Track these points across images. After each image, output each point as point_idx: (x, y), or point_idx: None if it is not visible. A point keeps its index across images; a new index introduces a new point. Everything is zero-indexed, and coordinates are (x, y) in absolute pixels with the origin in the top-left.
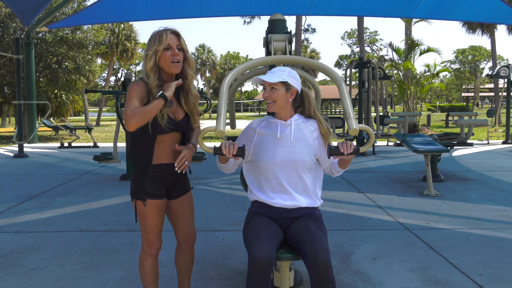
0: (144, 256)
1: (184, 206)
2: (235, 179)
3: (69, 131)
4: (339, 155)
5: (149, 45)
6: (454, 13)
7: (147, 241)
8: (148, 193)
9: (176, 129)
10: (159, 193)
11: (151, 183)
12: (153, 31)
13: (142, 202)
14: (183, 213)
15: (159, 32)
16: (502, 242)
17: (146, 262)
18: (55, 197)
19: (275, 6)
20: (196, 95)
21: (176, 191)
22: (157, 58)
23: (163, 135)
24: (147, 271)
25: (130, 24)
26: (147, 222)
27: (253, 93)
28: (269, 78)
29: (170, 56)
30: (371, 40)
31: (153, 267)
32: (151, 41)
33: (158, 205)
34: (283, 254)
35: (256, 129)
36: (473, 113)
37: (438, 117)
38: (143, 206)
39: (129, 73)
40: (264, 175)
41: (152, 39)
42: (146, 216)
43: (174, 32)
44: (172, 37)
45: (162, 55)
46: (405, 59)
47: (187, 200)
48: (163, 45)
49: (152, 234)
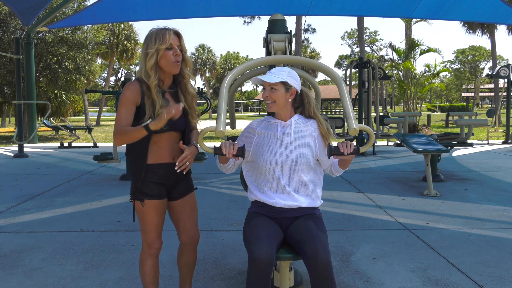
0: (144, 256)
1: (187, 207)
2: (235, 179)
3: (69, 131)
4: (339, 155)
5: (150, 43)
6: (454, 13)
7: (147, 242)
8: (146, 193)
9: (173, 128)
10: (157, 193)
11: (148, 183)
12: (151, 29)
13: (140, 202)
14: (185, 215)
15: (161, 30)
16: (502, 242)
17: (146, 263)
18: (55, 197)
19: (275, 6)
20: (193, 93)
21: (177, 192)
22: (158, 57)
23: (160, 135)
24: (147, 271)
25: (130, 24)
26: (146, 223)
27: (253, 93)
28: (269, 78)
29: (172, 56)
30: (371, 40)
31: (153, 267)
32: (151, 39)
33: (157, 205)
34: (283, 254)
35: (256, 129)
36: (473, 113)
37: (438, 117)
38: (142, 207)
39: (129, 73)
40: (264, 175)
41: (153, 37)
42: (145, 216)
43: (176, 33)
44: (174, 37)
45: (163, 54)
46: (405, 59)
47: (189, 201)
48: (166, 44)
49: (151, 235)
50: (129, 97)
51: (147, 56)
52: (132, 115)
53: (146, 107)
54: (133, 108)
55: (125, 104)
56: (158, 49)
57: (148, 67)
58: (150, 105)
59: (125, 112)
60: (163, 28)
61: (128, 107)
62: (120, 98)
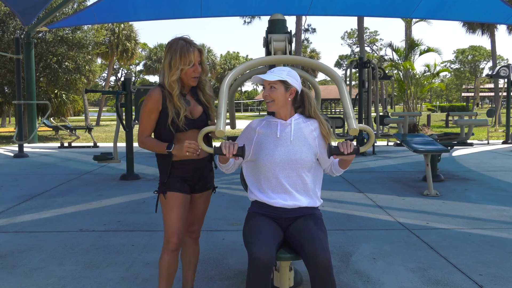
0: (162, 250)
1: (199, 202)
2: (235, 179)
3: (69, 131)
4: (339, 155)
5: (174, 58)
6: (454, 13)
7: (166, 235)
8: (168, 186)
9: (194, 126)
10: (179, 186)
11: (173, 178)
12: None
13: (163, 194)
14: (194, 209)
15: (186, 47)
16: (502, 242)
17: (163, 258)
18: (55, 197)
19: (275, 6)
20: (211, 95)
21: (199, 187)
22: (181, 74)
23: (183, 133)
24: (161, 265)
25: (130, 24)
26: (166, 214)
27: (253, 93)
28: (268, 77)
29: (192, 72)
30: (371, 40)
31: (168, 263)
32: (176, 55)
33: (178, 197)
34: (283, 254)
35: (256, 129)
36: (473, 113)
37: (438, 117)
38: (164, 199)
39: (129, 73)
40: (264, 174)
41: (177, 53)
42: (166, 208)
43: (199, 50)
44: (197, 55)
45: (186, 71)
46: (405, 59)
47: (202, 198)
48: (190, 65)
49: (171, 227)
50: (151, 107)
51: (171, 70)
52: (154, 123)
53: (169, 109)
54: (155, 116)
55: (147, 113)
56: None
57: (171, 80)
58: (173, 107)
59: (148, 121)
60: (188, 44)
61: (150, 117)
62: (143, 106)
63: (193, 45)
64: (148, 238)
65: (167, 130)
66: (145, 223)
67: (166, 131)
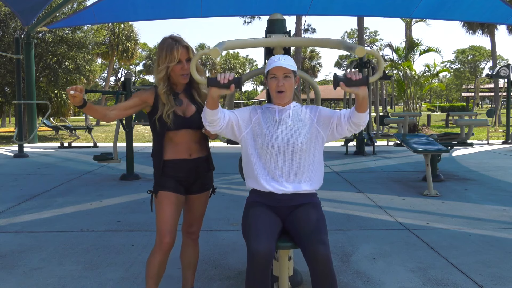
0: (153, 250)
1: (197, 203)
2: (235, 179)
3: (69, 131)
4: (347, 84)
5: (160, 58)
6: (454, 13)
7: (158, 235)
8: (161, 185)
9: (187, 125)
10: (172, 186)
11: (165, 177)
12: (163, 39)
13: (155, 193)
14: (192, 210)
15: (170, 45)
16: (502, 242)
17: (154, 256)
18: (55, 197)
19: (275, 6)
20: (205, 93)
21: (196, 188)
22: (168, 72)
23: (175, 132)
24: (151, 265)
25: (130, 24)
26: (158, 213)
27: (253, 93)
28: (287, 65)
29: (180, 70)
30: (371, 40)
31: (158, 263)
32: (162, 54)
33: (170, 197)
34: (283, 243)
35: (257, 110)
36: (473, 113)
37: (438, 117)
38: (156, 198)
39: (129, 73)
40: (263, 159)
41: (163, 51)
42: (159, 207)
43: (185, 46)
44: (183, 51)
45: (172, 68)
46: (405, 59)
47: (200, 199)
48: (174, 62)
49: (163, 226)
50: (140, 94)
51: (158, 70)
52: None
53: (159, 106)
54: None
55: (133, 96)
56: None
57: (158, 78)
58: (162, 105)
59: (126, 103)
60: (174, 41)
61: (129, 102)
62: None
63: (179, 42)
64: (148, 238)
65: (159, 126)
66: (145, 223)
67: (157, 130)
